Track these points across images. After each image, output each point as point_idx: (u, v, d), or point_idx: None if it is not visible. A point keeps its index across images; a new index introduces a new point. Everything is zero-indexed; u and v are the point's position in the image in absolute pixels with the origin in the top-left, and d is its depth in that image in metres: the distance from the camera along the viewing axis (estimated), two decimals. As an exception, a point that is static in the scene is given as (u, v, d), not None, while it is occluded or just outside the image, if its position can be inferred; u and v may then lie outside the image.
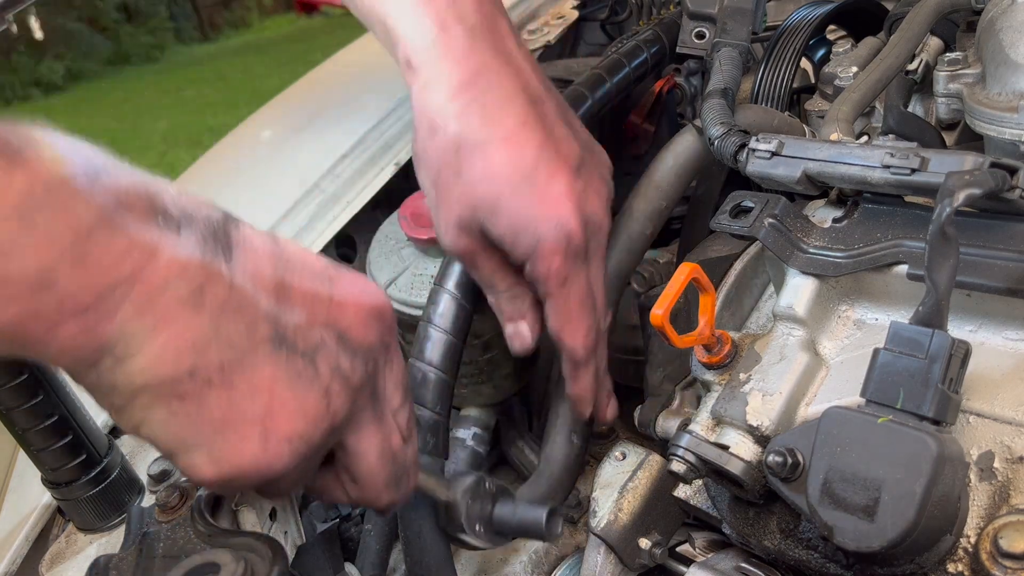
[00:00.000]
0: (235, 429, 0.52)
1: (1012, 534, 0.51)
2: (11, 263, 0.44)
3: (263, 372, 0.53)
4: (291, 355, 0.54)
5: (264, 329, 0.53)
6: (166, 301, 0.48)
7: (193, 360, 0.50)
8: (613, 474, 0.76)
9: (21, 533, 0.78)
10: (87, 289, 0.46)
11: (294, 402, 0.54)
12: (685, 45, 0.94)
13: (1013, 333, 0.60)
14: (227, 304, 0.51)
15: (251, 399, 0.52)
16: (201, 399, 0.51)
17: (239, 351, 0.52)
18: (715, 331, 0.65)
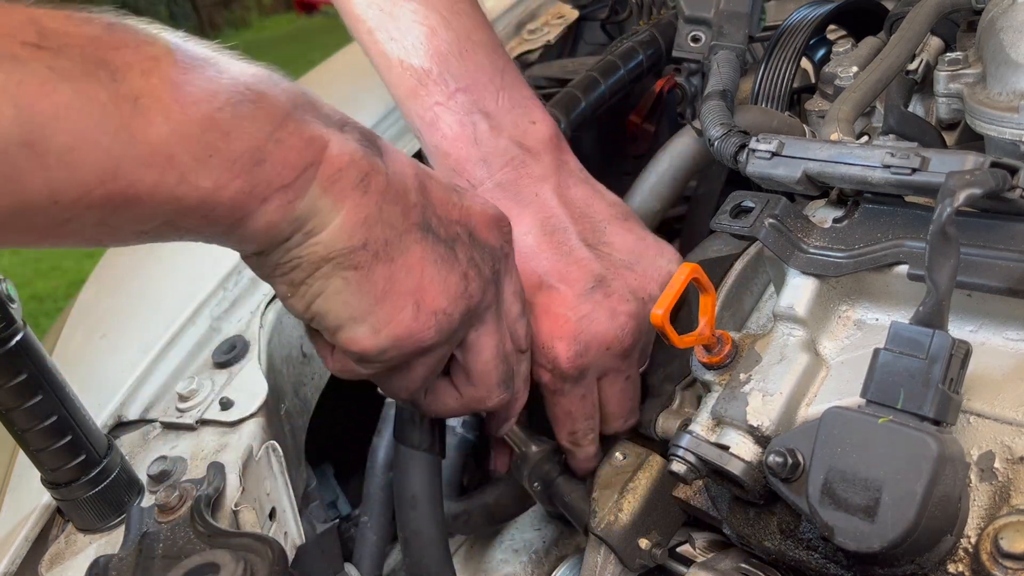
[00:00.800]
0: (394, 300, 0.60)
1: (1012, 534, 0.51)
2: (232, 143, 0.51)
3: (415, 251, 0.61)
4: (436, 240, 0.62)
5: (414, 215, 0.61)
6: (343, 183, 0.56)
7: (365, 234, 0.58)
8: (613, 474, 0.76)
9: (21, 533, 0.78)
10: (288, 167, 0.53)
11: (439, 280, 0.62)
12: (681, 49, 0.94)
13: (1013, 333, 0.60)
14: (387, 191, 0.59)
15: (406, 274, 0.61)
16: (370, 270, 0.59)
17: (397, 231, 0.60)
18: (715, 331, 0.65)
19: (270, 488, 0.81)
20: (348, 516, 1.05)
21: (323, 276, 0.58)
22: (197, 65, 0.51)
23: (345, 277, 0.59)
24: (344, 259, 0.58)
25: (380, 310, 0.60)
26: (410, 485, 0.82)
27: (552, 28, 1.29)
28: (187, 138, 0.49)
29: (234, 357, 0.90)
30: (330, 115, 0.58)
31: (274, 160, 0.53)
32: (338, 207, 0.56)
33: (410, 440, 0.83)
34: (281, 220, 0.55)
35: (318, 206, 0.56)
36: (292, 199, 0.54)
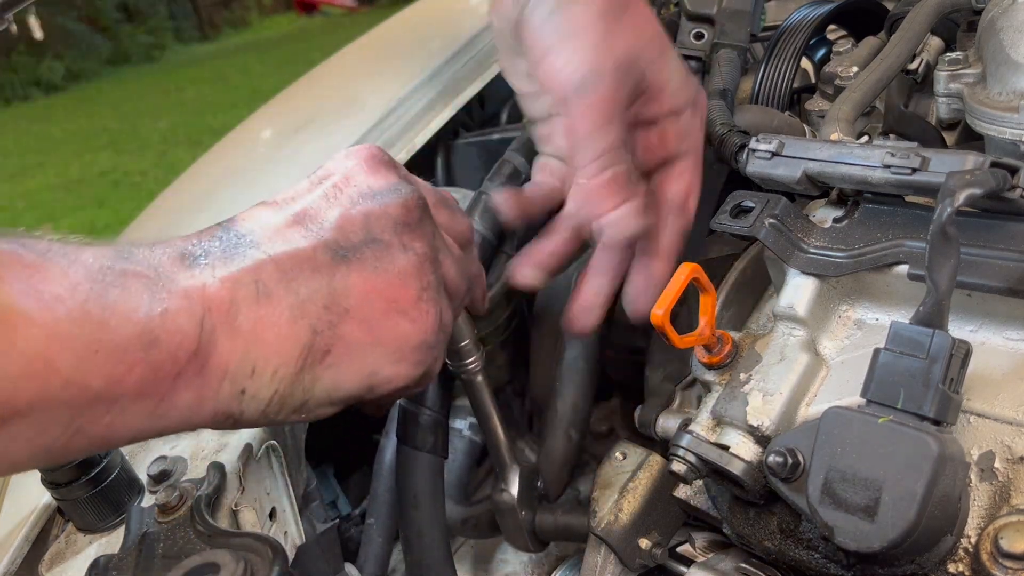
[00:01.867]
0: (384, 331, 0.58)
1: (1013, 534, 0.51)
2: (114, 332, 0.47)
3: (354, 283, 0.57)
4: (357, 254, 0.58)
5: (323, 258, 0.57)
6: (244, 311, 0.53)
7: (305, 324, 0.55)
8: (613, 474, 0.76)
9: (21, 533, 0.78)
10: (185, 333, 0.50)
11: (394, 278, 0.58)
12: (683, 46, 0.94)
13: (1013, 333, 0.60)
14: (283, 274, 0.55)
15: (369, 306, 0.57)
16: (341, 338, 0.56)
17: (324, 290, 0.56)
18: (715, 331, 0.65)
19: (270, 488, 0.81)
20: (348, 516, 1.05)
21: (312, 382, 0.56)
22: (46, 262, 0.47)
23: (330, 364, 0.56)
24: (311, 357, 0.55)
25: (384, 347, 0.58)
26: (412, 485, 0.82)
27: (552, 28, 1.29)
28: (62, 339, 0.46)
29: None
30: (185, 252, 0.54)
31: (167, 335, 0.49)
32: (257, 332, 0.53)
33: (413, 441, 0.83)
34: (211, 384, 0.52)
35: (238, 348, 0.52)
36: (206, 360, 0.51)
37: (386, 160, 0.62)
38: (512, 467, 0.80)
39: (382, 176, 0.61)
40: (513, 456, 0.80)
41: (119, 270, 0.50)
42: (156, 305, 0.49)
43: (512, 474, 0.79)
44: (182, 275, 0.52)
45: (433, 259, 0.61)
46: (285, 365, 0.54)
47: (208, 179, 1.29)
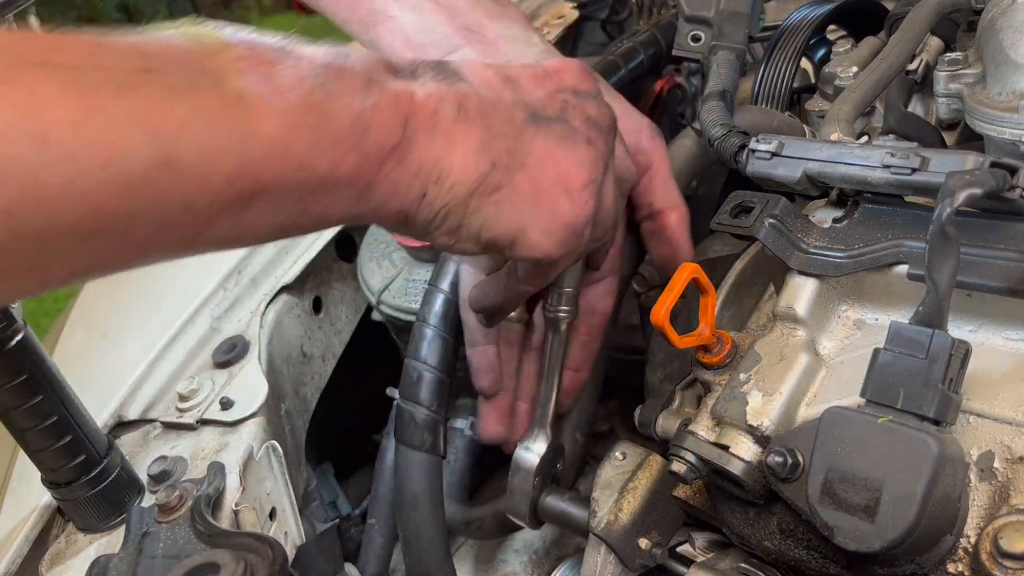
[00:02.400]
0: (546, 198, 0.62)
1: (1012, 534, 0.51)
2: (334, 122, 0.52)
3: (538, 145, 0.62)
4: (548, 125, 0.63)
5: (519, 115, 0.61)
6: (443, 123, 0.57)
7: (488, 156, 0.59)
8: (613, 474, 0.76)
9: (21, 533, 0.78)
10: (390, 127, 0.54)
11: (573, 158, 0.63)
12: (681, 48, 0.94)
13: (1013, 333, 0.60)
14: (483, 107, 0.59)
15: (543, 169, 0.62)
16: (511, 183, 0.60)
17: (512, 137, 0.60)
18: (715, 331, 0.65)
19: (270, 488, 0.81)
20: (348, 516, 1.05)
21: (474, 211, 0.60)
22: (277, 57, 0.52)
23: (495, 200, 0.60)
24: (484, 186, 0.59)
25: (540, 212, 0.62)
26: (411, 485, 0.82)
27: (552, 28, 1.29)
28: (294, 126, 0.50)
29: (234, 357, 0.90)
30: (400, 66, 0.59)
31: (376, 126, 0.54)
32: (450, 145, 0.58)
33: (410, 440, 0.83)
34: (404, 179, 0.56)
35: (432, 152, 0.57)
36: (405, 155, 0.56)
37: (594, 75, 0.68)
38: (545, 430, 0.79)
39: (590, 82, 0.67)
40: (552, 423, 0.79)
41: (338, 66, 0.54)
42: (369, 98, 0.54)
43: (541, 438, 0.78)
44: (393, 81, 0.57)
45: (607, 164, 0.66)
46: (461, 183, 0.58)
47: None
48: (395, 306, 0.98)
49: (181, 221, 0.48)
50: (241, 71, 0.50)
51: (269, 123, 0.49)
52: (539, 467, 0.78)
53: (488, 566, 0.98)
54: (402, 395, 0.83)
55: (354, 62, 0.56)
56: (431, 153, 0.57)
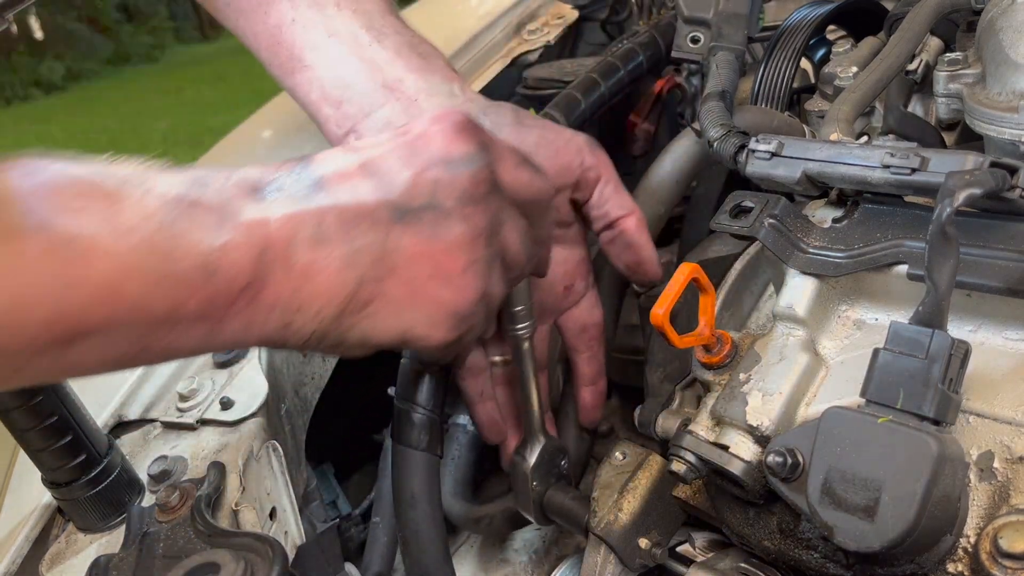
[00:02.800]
0: (424, 294, 0.60)
1: (1012, 534, 0.51)
2: (178, 263, 0.50)
3: (407, 244, 0.59)
4: (416, 217, 0.59)
5: (384, 215, 0.58)
6: (300, 251, 0.55)
7: (353, 273, 0.57)
8: (613, 474, 0.76)
9: (21, 533, 0.78)
10: (242, 268, 0.52)
11: (446, 245, 0.60)
12: (680, 50, 0.94)
13: (1013, 333, 0.60)
14: (344, 222, 0.57)
15: (416, 267, 0.59)
16: (383, 293, 0.58)
17: (378, 244, 0.58)
18: (715, 331, 0.65)
19: (270, 488, 0.81)
20: (348, 516, 1.05)
21: (349, 327, 0.58)
22: (125, 191, 0.50)
23: (368, 314, 0.59)
24: (353, 304, 0.58)
25: (421, 309, 0.60)
26: (409, 485, 0.82)
27: (552, 28, 1.29)
28: (131, 270, 0.48)
29: (234, 357, 0.90)
30: (258, 183, 0.56)
31: (225, 267, 0.52)
32: (309, 273, 0.55)
33: (408, 440, 0.83)
34: (259, 315, 0.54)
35: (290, 285, 0.55)
36: (257, 292, 0.54)
37: (470, 127, 0.63)
38: (536, 438, 0.80)
39: (461, 143, 0.61)
40: (542, 428, 0.80)
41: (190, 201, 0.52)
42: (219, 237, 0.52)
43: (535, 444, 0.80)
44: (249, 208, 0.54)
45: (490, 235, 0.62)
46: (328, 307, 0.57)
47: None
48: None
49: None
50: (76, 211, 0.48)
51: (101, 266, 0.47)
52: (534, 470, 0.80)
53: (488, 565, 0.98)
54: (398, 395, 0.84)
55: (210, 194, 0.53)
56: (288, 286, 0.55)
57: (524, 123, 0.76)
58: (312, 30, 0.77)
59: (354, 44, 0.77)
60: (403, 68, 0.77)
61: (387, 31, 0.78)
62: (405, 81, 0.76)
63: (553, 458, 0.81)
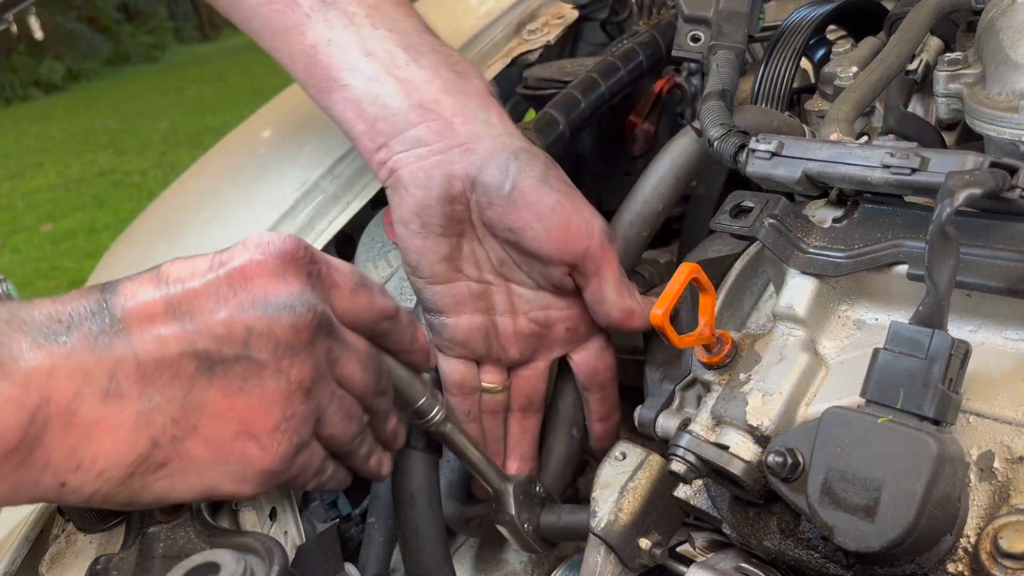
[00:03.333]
0: (229, 452, 0.55)
1: (1012, 534, 0.51)
2: None
3: (212, 399, 0.54)
4: (225, 369, 0.54)
5: (188, 367, 0.53)
6: (86, 409, 0.50)
7: (147, 433, 0.52)
8: (613, 474, 0.76)
9: (21, 533, 0.78)
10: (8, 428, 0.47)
11: (257, 401, 0.55)
12: (681, 48, 0.94)
13: (1013, 333, 0.60)
14: (143, 375, 0.52)
15: (221, 424, 0.54)
16: (181, 454, 0.54)
17: (179, 402, 0.53)
18: (715, 331, 0.65)
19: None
20: (348, 516, 1.04)
21: (142, 487, 0.53)
22: None
23: (164, 475, 0.54)
24: (146, 465, 0.53)
25: (226, 467, 0.56)
26: (408, 484, 0.82)
27: (552, 28, 1.29)
28: None
29: (234, 357, 0.90)
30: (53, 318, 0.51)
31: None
32: (95, 431, 0.50)
33: (407, 440, 0.83)
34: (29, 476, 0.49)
35: (68, 444, 0.50)
36: (28, 453, 0.48)
37: (298, 260, 0.58)
38: (505, 488, 0.79)
39: (285, 283, 0.57)
40: (503, 477, 0.80)
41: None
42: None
43: (507, 496, 0.79)
44: (33, 354, 0.49)
45: (308, 389, 0.58)
46: (113, 468, 0.52)
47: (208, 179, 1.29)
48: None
49: None
50: None
51: None
52: (518, 515, 0.79)
53: (488, 565, 0.98)
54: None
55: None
56: (65, 444, 0.49)
57: (549, 183, 0.75)
58: (349, 50, 0.76)
59: (390, 63, 0.76)
60: (440, 88, 0.76)
61: (424, 49, 0.77)
62: (441, 102, 0.75)
63: (528, 491, 0.80)
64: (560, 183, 0.76)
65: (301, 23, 0.77)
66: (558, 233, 0.74)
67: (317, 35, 0.77)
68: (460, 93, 0.76)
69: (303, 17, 0.77)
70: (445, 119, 0.75)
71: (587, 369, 0.83)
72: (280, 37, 0.79)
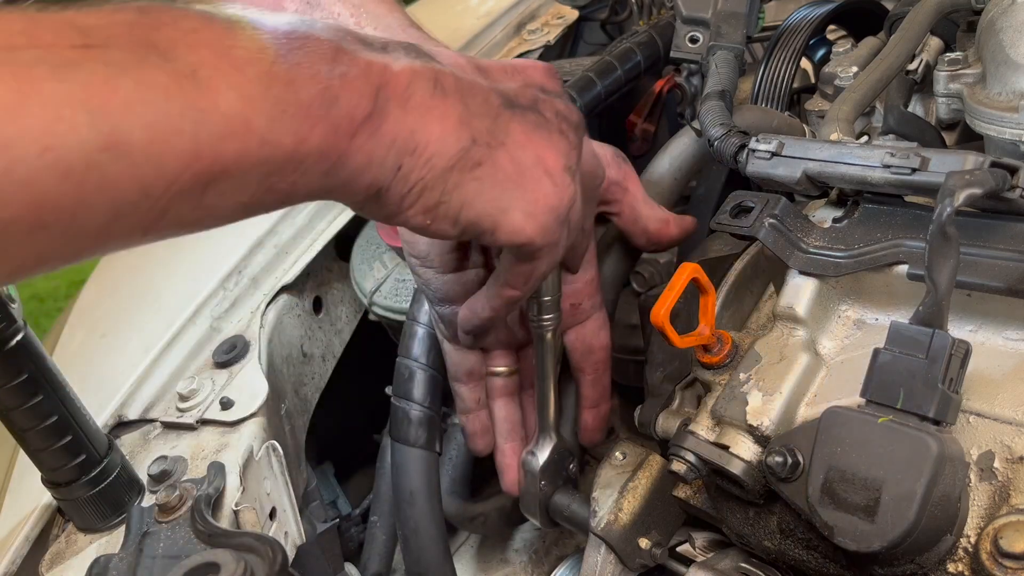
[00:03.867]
0: (529, 178, 0.60)
1: (1012, 534, 0.51)
2: (299, 92, 0.49)
3: (516, 129, 0.60)
4: (523, 111, 0.61)
5: (494, 98, 0.60)
6: (419, 95, 0.55)
7: (468, 131, 0.57)
8: (613, 474, 0.76)
9: (21, 533, 0.78)
10: (361, 97, 0.52)
11: (550, 144, 0.62)
12: (679, 49, 0.94)
13: (1013, 333, 0.60)
14: (460, 87, 0.58)
15: (523, 151, 0.60)
16: (493, 160, 0.59)
17: (491, 117, 0.59)
18: (715, 331, 0.65)
19: (270, 488, 0.81)
20: (348, 516, 1.05)
21: (455, 186, 0.58)
22: (235, 27, 0.49)
23: (476, 176, 0.58)
24: (465, 160, 0.57)
25: (523, 193, 0.60)
26: (407, 482, 0.82)
27: (552, 28, 1.29)
28: (255, 99, 0.48)
29: (234, 357, 0.90)
30: (372, 41, 0.57)
31: (345, 96, 0.51)
32: (426, 117, 0.55)
33: (406, 438, 0.83)
34: (378, 151, 0.54)
35: (407, 124, 0.55)
36: (378, 126, 0.53)
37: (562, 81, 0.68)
38: (549, 436, 0.79)
39: (556, 85, 0.67)
40: (555, 427, 0.80)
41: (302, 34, 0.51)
42: (338, 68, 0.51)
43: (546, 443, 0.79)
44: (365, 51, 0.54)
45: (579, 156, 0.65)
46: (440, 156, 0.56)
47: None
48: (387, 307, 0.98)
49: (137, 208, 0.45)
50: (192, 44, 0.47)
51: (227, 98, 0.46)
52: (543, 470, 0.79)
53: (488, 565, 0.98)
54: (395, 393, 0.84)
55: (320, 31, 0.53)
56: (406, 125, 0.54)
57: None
58: None
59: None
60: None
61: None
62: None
63: (562, 460, 0.81)
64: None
65: None
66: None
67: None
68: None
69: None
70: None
71: (582, 347, 0.83)
72: None
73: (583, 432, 0.87)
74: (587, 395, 0.85)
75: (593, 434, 0.86)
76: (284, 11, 0.77)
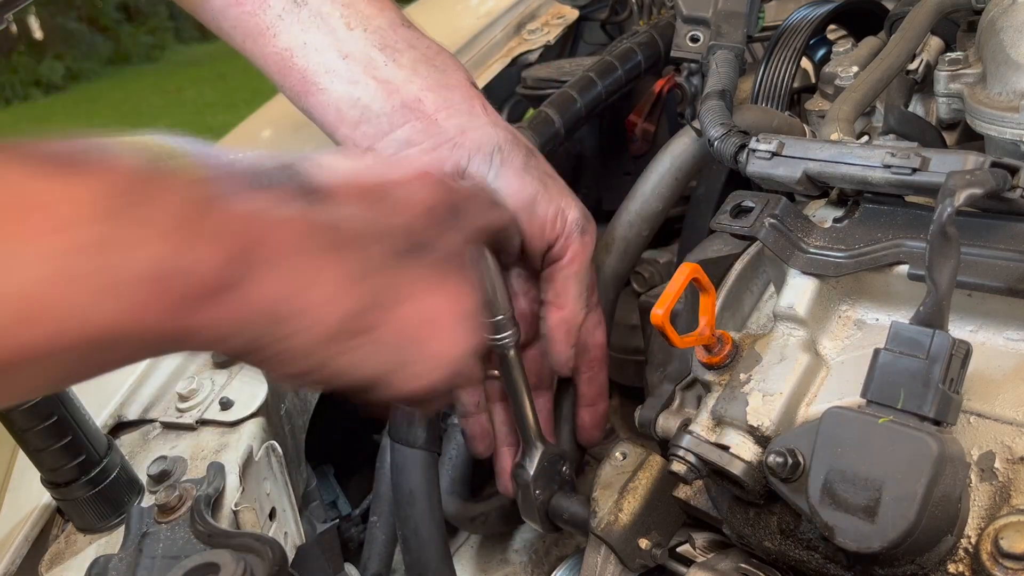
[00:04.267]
0: (424, 335, 0.56)
1: (1013, 534, 0.51)
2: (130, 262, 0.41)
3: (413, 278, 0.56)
4: (419, 255, 0.57)
5: (392, 245, 0.55)
6: (301, 256, 0.49)
7: (359, 293, 0.52)
8: (613, 474, 0.76)
9: (21, 533, 0.78)
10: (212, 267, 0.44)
11: (443, 291, 0.57)
12: (680, 49, 0.94)
13: (1013, 333, 0.60)
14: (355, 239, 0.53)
15: (420, 304, 0.55)
16: (386, 322, 0.53)
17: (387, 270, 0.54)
18: (715, 331, 0.65)
19: (270, 488, 0.81)
20: (348, 516, 1.04)
21: (335, 355, 0.52)
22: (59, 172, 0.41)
23: (366, 342, 0.53)
24: (352, 327, 0.52)
25: (420, 349, 0.55)
26: (407, 482, 0.82)
27: (552, 28, 1.29)
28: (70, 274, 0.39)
29: (234, 357, 0.90)
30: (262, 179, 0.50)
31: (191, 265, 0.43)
32: (310, 279, 0.49)
33: (405, 437, 0.83)
34: (242, 317, 0.47)
35: (284, 287, 0.48)
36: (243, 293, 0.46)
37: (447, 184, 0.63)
38: (535, 445, 0.79)
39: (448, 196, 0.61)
40: (539, 435, 0.80)
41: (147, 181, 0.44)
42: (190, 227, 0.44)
43: (533, 452, 0.79)
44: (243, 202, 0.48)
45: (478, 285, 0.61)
46: (321, 324, 0.50)
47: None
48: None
49: None
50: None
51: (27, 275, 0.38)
52: (535, 479, 0.80)
53: (488, 565, 0.98)
54: None
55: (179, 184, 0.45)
56: (281, 288, 0.48)
57: (530, 172, 0.75)
58: (324, 53, 0.75)
59: (368, 65, 0.75)
60: (420, 87, 0.75)
61: (401, 47, 0.77)
62: (424, 100, 0.75)
63: (554, 465, 0.81)
64: (541, 172, 0.77)
65: (273, 25, 0.76)
66: (530, 222, 0.75)
67: (291, 38, 0.76)
68: (442, 88, 0.76)
69: (275, 19, 0.76)
70: (429, 117, 0.75)
71: (579, 346, 0.83)
72: (251, 39, 0.78)
73: (581, 431, 0.86)
74: (584, 393, 0.85)
75: (591, 433, 0.86)
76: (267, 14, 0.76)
